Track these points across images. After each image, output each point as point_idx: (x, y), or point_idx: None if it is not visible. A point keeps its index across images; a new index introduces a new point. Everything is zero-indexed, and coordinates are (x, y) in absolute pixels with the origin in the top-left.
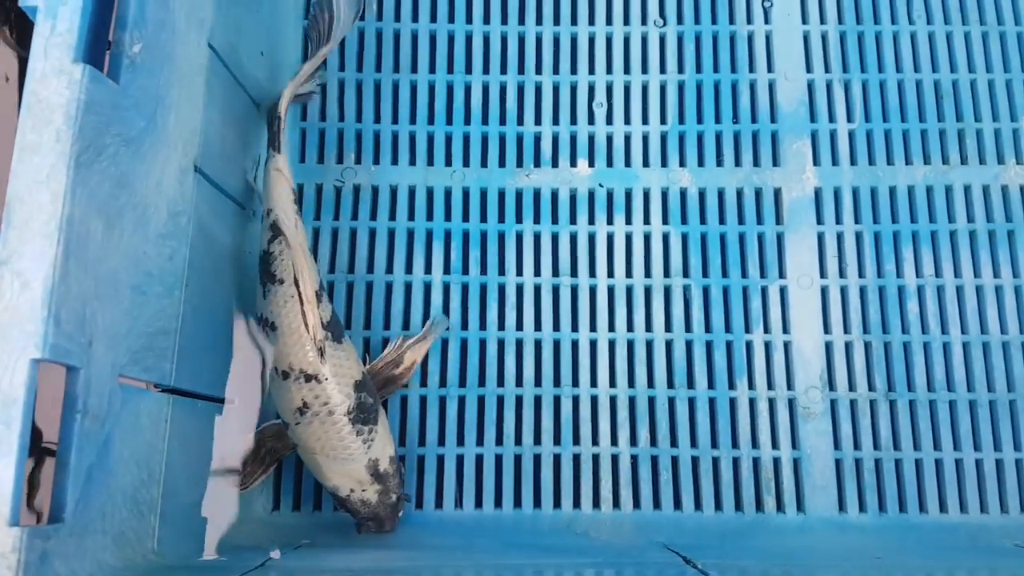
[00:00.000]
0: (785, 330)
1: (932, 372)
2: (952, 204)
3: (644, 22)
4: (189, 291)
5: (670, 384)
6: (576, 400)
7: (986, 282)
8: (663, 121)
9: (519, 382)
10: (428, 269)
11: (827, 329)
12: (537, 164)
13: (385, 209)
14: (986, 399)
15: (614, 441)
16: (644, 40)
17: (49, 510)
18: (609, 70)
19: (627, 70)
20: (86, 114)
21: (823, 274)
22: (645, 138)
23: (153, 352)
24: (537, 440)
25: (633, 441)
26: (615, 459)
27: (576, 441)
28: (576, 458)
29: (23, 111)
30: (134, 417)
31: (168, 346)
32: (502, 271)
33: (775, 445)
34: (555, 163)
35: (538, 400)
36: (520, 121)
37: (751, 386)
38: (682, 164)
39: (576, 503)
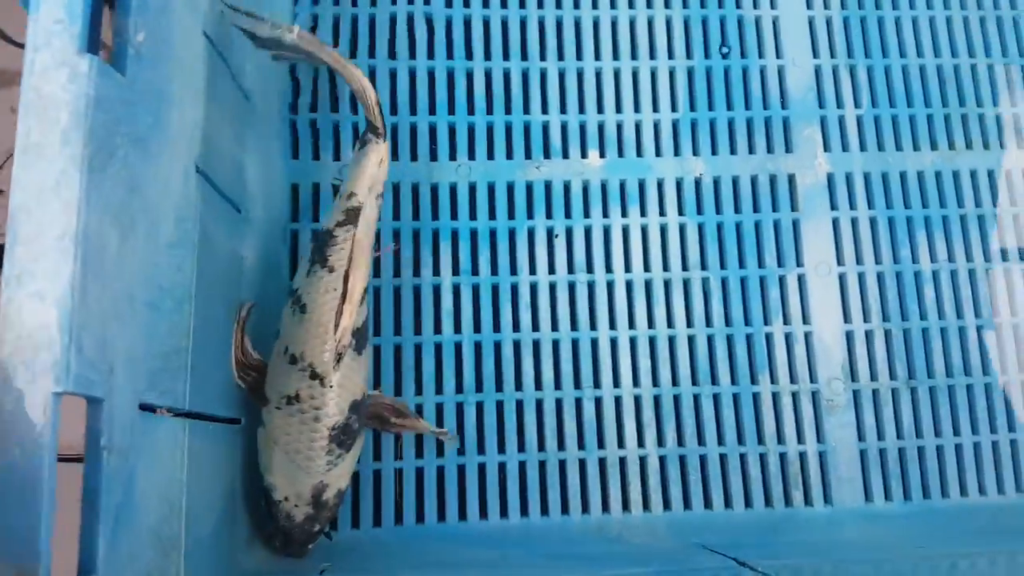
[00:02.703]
0: (805, 320)
1: (950, 357)
2: (960, 189)
3: (650, 5)
4: (197, 303)
5: (694, 381)
6: (599, 402)
7: (996, 265)
8: (674, 108)
9: (538, 385)
10: (436, 271)
11: (847, 318)
12: (547, 155)
13: (387, 208)
14: (1000, 382)
15: (640, 443)
16: (650, 24)
17: (79, 561)
18: (616, 56)
19: (634, 55)
20: (96, 111)
21: (840, 261)
22: (656, 126)
23: (168, 374)
24: (561, 445)
25: (660, 442)
26: (643, 461)
27: (601, 444)
28: (602, 462)
29: (22, 110)
30: (153, 447)
31: (181, 366)
32: (514, 270)
33: (800, 440)
34: (565, 154)
35: (559, 403)
36: (526, 110)
37: (774, 380)
38: (695, 153)
39: (605, 507)
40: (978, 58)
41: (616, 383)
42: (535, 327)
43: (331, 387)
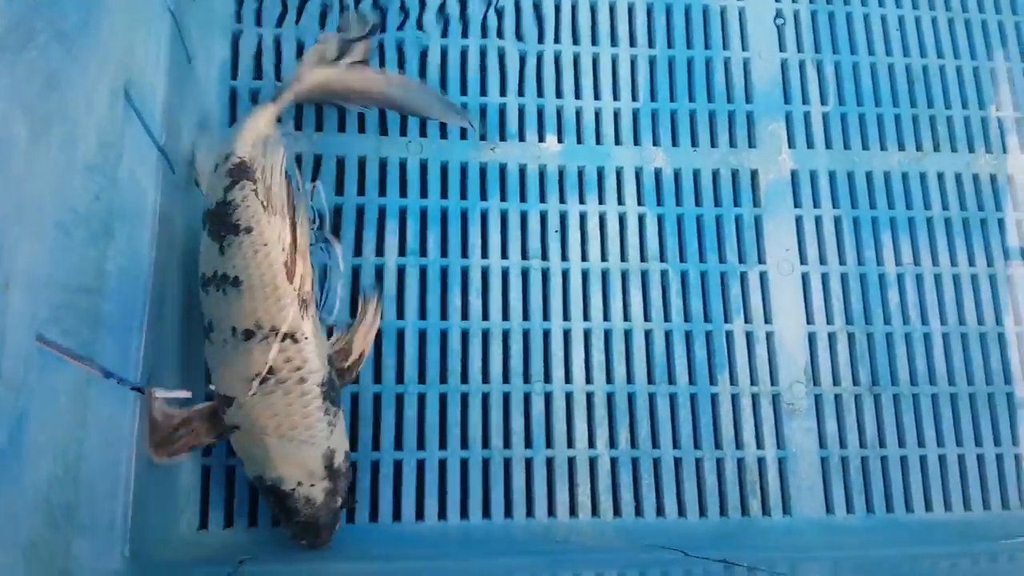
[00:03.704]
0: (767, 320)
1: (914, 365)
2: (927, 191)
3: None
4: (115, 248)
5: (650, 379)
6: (549, 397)
7: (962, 271)
8: (634, 98)
9: (485, 378)
10: (380, 251)
11: (809, 319)
12: (503, 138)
13: (330, 182)
14: (966, 392)
15: (591, 443)
16: (612, 10)
17: None
18: (576, 40)
19: (595, 41)
20: None
21: (803, 260)
22: (616, 114)
23: (74, 313)
24: (507, 443)
25: (612, 443)
26: (593, 462)
27: (549, 443)
28: (550, 462)
29: None
30: (51, 394)
31: (90, 309)
32: (465, 253)
33: (759, 444)
34: (522, 137)
35: (507, 398)
36: (483, 91)
37: (733, 381)
38: (656, 143)
39: (551, 511)
40: (947, 59)
41: (568, 378)
42: (485, 315)
43: (307, 339)
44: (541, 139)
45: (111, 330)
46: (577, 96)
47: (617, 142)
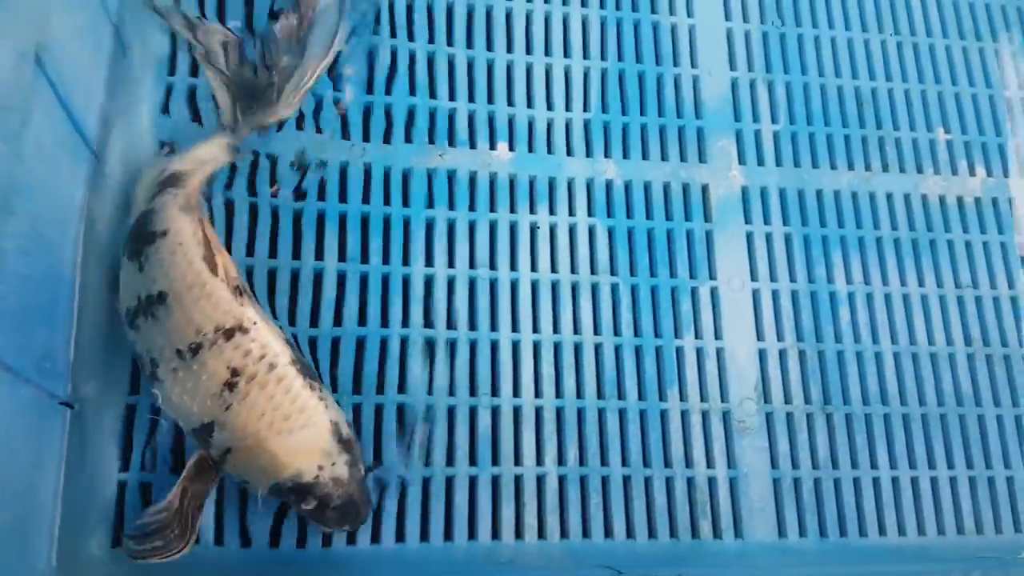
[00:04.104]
0: (717, 336)
1: (866, 384)
2: (876, 211)
3: (566, 2)
4: (16, 225)
5: (600, 394)
6: (496, 411)
7: (912, 291)
8: (586, 109)
9: (429, 390)
10: (320, 255)
11: (760, 336)
12: (452, 144)
13: (265, 183)
14: (918, 413)
15: (539, 460)
16: (565, 21)
17: None
18: (529, 50)
19: (548, 51)
20: None
21: (754, 276)
22: (568, 125)
23: None
24: (450, 460)
25: (560, 459)
26: (540, 480)
27: (495, 460)
28: (496, 480)
29: None
30: None
31: None
32: (407, 260)
33: (710, 463)
34: (472, 144)
35: (451, 411)
36: (432, 94)
37: (683, 397)
38: (607, 155)
39: (496, 533)
40: (895, 82)
41: (516, 392)
42: (428, 324)
43: (255, 324)
44: (492, 147)
45: (16, 326)
46: (529, 105)
47: (569, 152)
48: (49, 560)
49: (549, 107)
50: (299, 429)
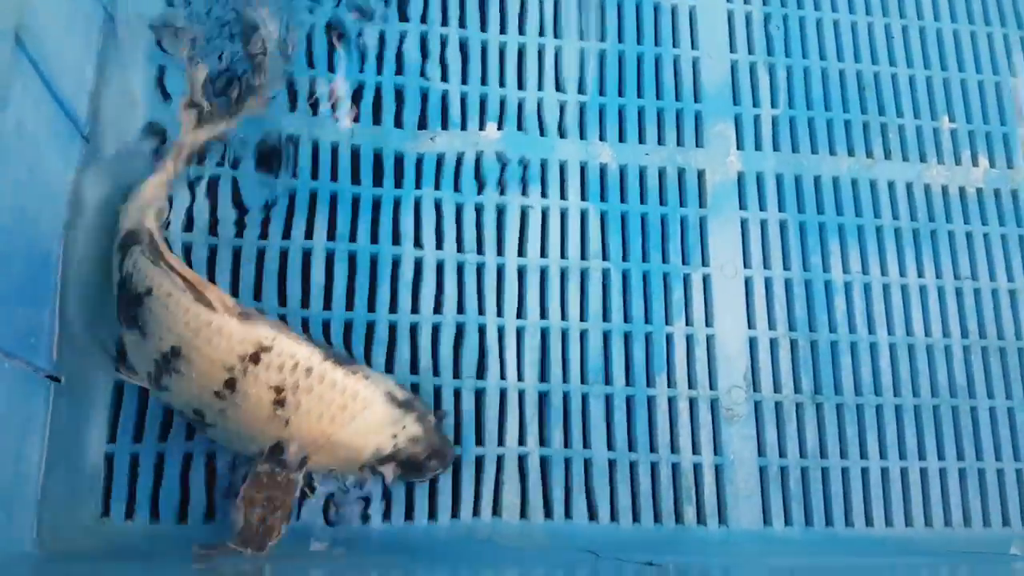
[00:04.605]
0: (708, 323)
1: (859, 374)
2: (877, 199)
3: None
4: None
5: (583, 379)
6: (480, 394)
7: (911, 282)
8: (581, 91)
9: (414, 369)
10: (309, 235)
11: (751, 324)
12: (444, 127)
13: (251, 163)
14: (911, 404)
15: (522, 441)
16: (556, 3)
17: None
18: (522, 31)
19: (542, 31)
20: None
21: (747, 263)
22: (563, 107)
23: None
24: None
25: (543, 441)
26: (522, 461)
27: (479, 441)
28: (479, 460)
29: None
30: None
31: None
32: (396, 241)
33: (696, 450)
34: (463, 126)
35: (437, 391)
36: (423, 74)
37: (671, 384)
38: (602, 138)
39: (476, 511)
40: (899, 67)
41: (502, 375)
42: (415, 308)
43: (275, 339)
44: (482, 127)
45: None
46: (521, 87)
47: (562, 135)
48: (33, 531)
49: (540, 87)
50: (360, 413)
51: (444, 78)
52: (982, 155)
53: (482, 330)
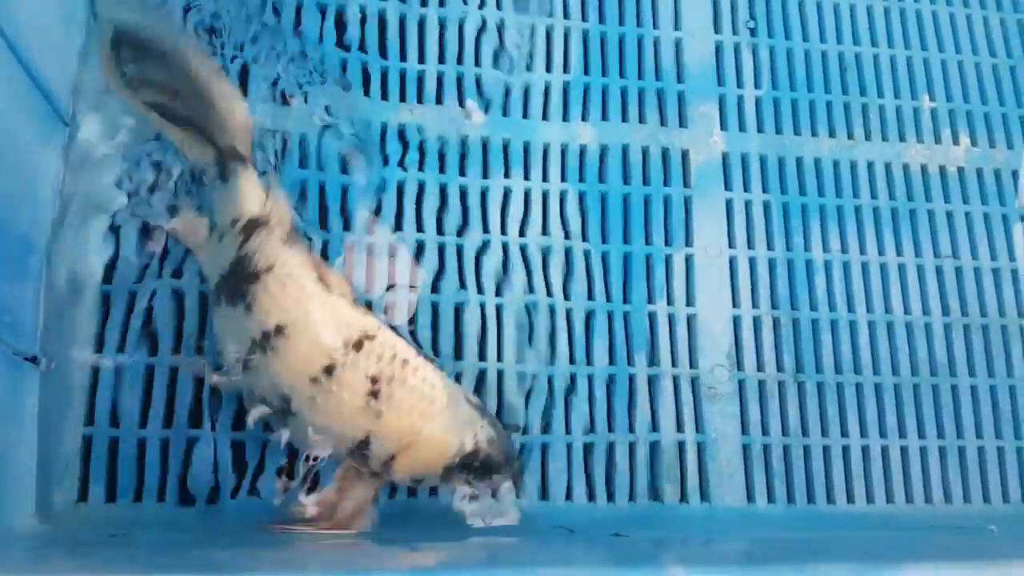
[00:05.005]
0: (690, 302)
1: (839, 352)
2: (857, 179)
3: None
4: None
5: (571, 360)
6: (460, 376)
7: (889, 260)
8: (566, 70)
9: None
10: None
11: (735, 303)
12: (420, 101)
13: None
14: (891, 382)
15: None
16: None
17: None
18: (499, 5)
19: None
20: None
21: (731, 244)
22: (547, 87)
23: None
24: None
25: (523, 429)
26: None
27: None
28: None
29: None
30: None
31: None
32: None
33: (679, 428)
34: (439, 101)
35: None
36: (403, 56)
37: (653, 362)
38: (584, 118)
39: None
40: (880, 48)
41: (482, 355)
42: (391, 287)
43: (379, 328)
44: (461, 104)
45: None
46: (504, 67)
47: (545, 115)
48: (17, 513)
49: (528, 68)
50: (445, 407)
51: (422, 60)
52: (963, 134)
53: (459, 309)
